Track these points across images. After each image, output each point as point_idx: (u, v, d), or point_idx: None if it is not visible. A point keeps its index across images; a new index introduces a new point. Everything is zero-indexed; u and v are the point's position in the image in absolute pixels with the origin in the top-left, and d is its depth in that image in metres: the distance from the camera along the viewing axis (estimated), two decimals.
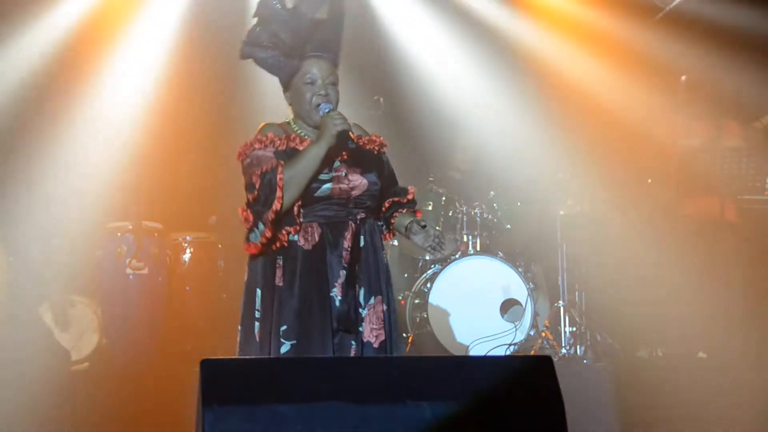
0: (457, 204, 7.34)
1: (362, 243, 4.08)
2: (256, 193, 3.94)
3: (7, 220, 6.78)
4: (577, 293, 7.26)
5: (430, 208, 7.27)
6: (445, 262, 7.10)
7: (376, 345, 4.05)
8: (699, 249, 7.10)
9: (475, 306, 6.97)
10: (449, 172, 7.92)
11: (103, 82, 7.72)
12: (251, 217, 3.96)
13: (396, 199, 4.27)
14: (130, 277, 6.70)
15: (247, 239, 4.00)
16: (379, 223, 4.26)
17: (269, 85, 7.13)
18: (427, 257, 7.32)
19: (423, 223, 4.13)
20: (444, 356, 6.61)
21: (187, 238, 7.20)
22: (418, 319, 7.01)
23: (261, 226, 3.94)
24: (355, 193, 4.06)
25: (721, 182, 6.73)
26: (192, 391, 3.32)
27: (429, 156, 8.08)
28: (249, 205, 3.97)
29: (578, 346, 6.96)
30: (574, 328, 7.05)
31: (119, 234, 6.72)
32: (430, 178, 7.54)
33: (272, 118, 4.30)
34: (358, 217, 4.09)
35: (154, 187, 7.35)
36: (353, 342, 4.01)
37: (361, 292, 4.07)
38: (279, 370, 3.28)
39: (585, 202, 7.34)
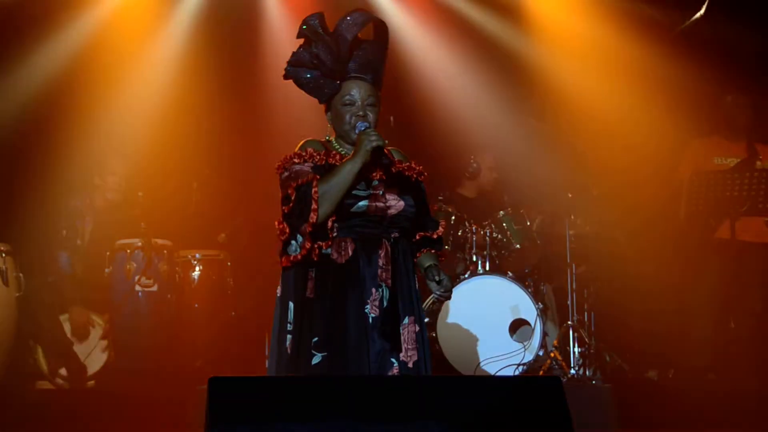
0: (466, 223, 7.34)
1: (396, 262, 4.10)
2: (291, 205, 3.98)
3: (25, 235, 6.80)
4: (586, 314, 7.25)
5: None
6: (454, 281, 7.09)
7: (410, 365, 4.04)
8: (716, 271, 7.05)
9: (484, 326, 6.96)
10: (461, 191, 7.93)
11: (116, 97, 7.75)
12: (288, 230, 4.00)
13: (427, 234, 4.29)
14: (139, 294, 6.69)
15: (285, 251, 4.02)
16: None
17: (284, 104, 7.19)
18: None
19: (437, 278, 4.14)
20: (452, 376, 6.60)
21: (197, 255, 7.20)
22: None
23: (299, 237, 3.97)
24: (391, 212, 4.08)
25: (732, 203, 6.71)
26: (200, 409, 3.32)
27: (438, 175, 8.08)
28: (285, 217, 4.01)
29: (587, 367, 6.93)
30: (583, 349, 7.03)
31: (128, 251, 6.72)
32: (440, 198, 7.54)
33: (285, 138, 4.32)
34: (393, 236, 4.11)
35: (164, 204, 7.36)
36: (395, 360, 4.01)
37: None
38: (287, 388, 3.28)
39: (595, 222, 7.33)
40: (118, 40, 7.85)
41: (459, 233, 7.32)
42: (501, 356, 6.84)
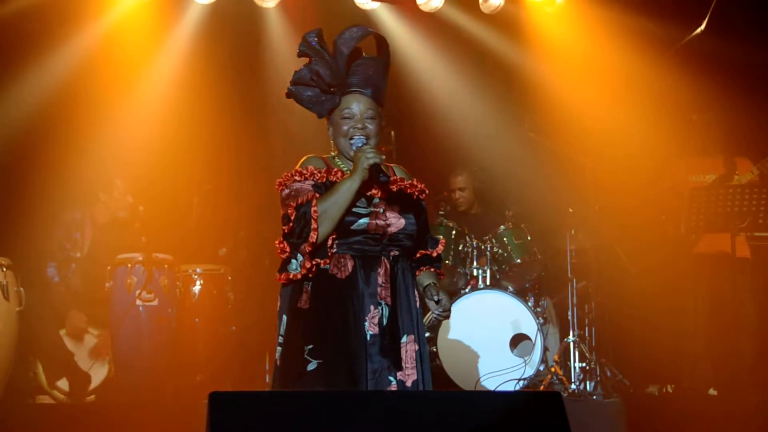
0: (467, 238, 7.34)
1: (396, 280, 4.09)
2: (291, 224, 3.98)
3: (24, 249, 6.81)
4: (587, 328, 7.24)
5: None
6: (454, 296, 7.09)
7: (408, 384, 4.03)
8: (711, 286, 7.08)
9: (484, 340, 6.96)
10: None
11: (117, 112, 7.76)
12: (288, 249, 4.00)
13: (427, 252, 4.29)
14: (140, 308, 6.68)
15: (285, 269, 4.03)
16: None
17: (285, 119, 7.20)
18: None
19: (436, 298, 4.15)
20: (453, 391, 6.59)
21: (197, 269, 7.20)
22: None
23: (300, 257, 3.98)
24: (391, 230, 4.07)
25: (733, 218, 6.72)
26: (200, 424, 3.32)
27: (440, 190, 8.10)
28: (285, 236, 4.01)
29: (588, 382, 6.92)
30: (584, 364, 7.02)
31: (129, 265, 6.72)
32: (441, 212, 7.54)
33: (286, 153, 4.33)
34: (392, 254, 4.10)
35: (164, 218, 7.37)
36: (392, 378, 3.99)
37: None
38: (287, 403, 3.28)
39: (595, 237, 7.33)
40: (120, 55, 7.87)
41: (460, 248, 7.32)
42: (502, 371, 6.84)
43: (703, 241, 7.03)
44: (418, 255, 4.27)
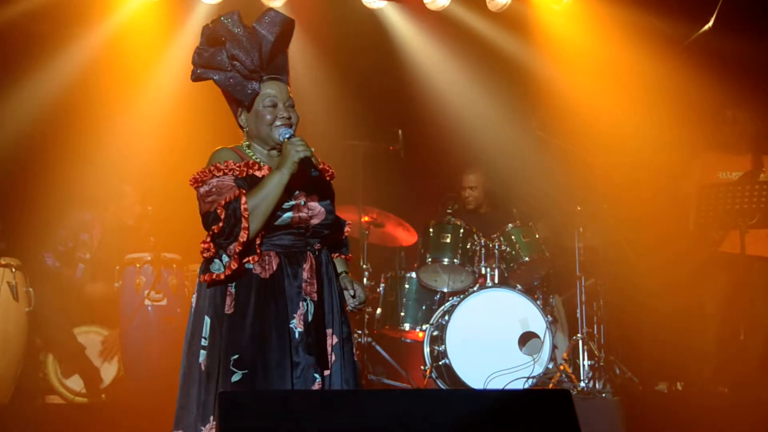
0: (475, 236, 7.33)
1: (320, 275, 4.00)
2: (221, 224, 3.82)
3: (33, 249, 6.83)
4: (595, 326, 7.23)
5: (448, 240, 7.27)
6: (463, 294, 7.09)
7: (328, 379, 3.94)
8: (730, 284, 7.04)
9: (493, 339, 6.95)
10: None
11: (125, 112, 7.77)
12: (213, 248, 3.86)
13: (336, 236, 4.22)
14: (149, 308, 6.70)
15: (208, 270, 3.88)
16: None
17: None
18: (445, 289, 7.33)
19: (352, 292, 4.11)
20: (462, 389, 6.60)
21: None
22: (436, 352, 7.01)
23: (225, 258, 3.85)
24: (314, 222, 3.96)
25: (742, 216, 6.71)
26: None
27: (447, 188, 8.10)
28: (213, 237, 3.86)
29: (597, 380, 6.92)
30: (593, 362, 7.02)
31: (138, 265, 6.73)
32: (448, 210, 7.54)
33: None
34: (315, 247, 4.00)
35: (172, 218, 7.37)
36: (317, 376, 3.88)
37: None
38: (296, 402, 3.28)
39: (603, 234, 7.32)
40: (128, 55, 7.87)
41: (468, 246, 7.31)
42: (510, 369, 6.83)
43: (728, 240, 6.97)
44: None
